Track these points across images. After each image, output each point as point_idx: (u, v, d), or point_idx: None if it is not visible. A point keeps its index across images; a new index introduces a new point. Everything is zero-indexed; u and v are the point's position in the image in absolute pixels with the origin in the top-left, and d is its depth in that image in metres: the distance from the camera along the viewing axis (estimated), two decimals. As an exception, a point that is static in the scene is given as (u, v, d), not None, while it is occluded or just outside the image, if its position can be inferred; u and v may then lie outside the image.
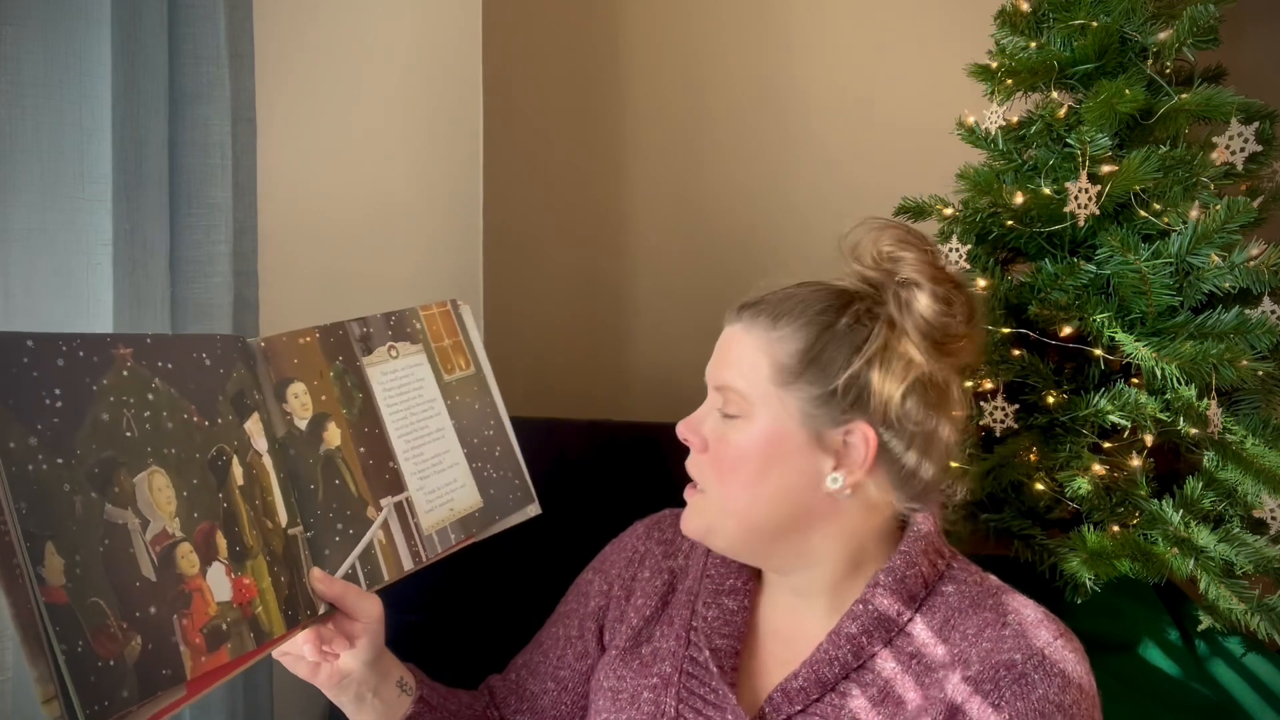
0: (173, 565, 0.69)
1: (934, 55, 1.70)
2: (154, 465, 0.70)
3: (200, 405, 0.77)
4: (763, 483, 0.86)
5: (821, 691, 0.85)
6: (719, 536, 0.89)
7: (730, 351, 0.89)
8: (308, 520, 0.84)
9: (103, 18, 0.87)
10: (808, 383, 0.85)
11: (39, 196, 0.88)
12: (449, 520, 0.95)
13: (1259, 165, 1.28)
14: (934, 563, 0.88)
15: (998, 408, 1.28)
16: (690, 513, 0.91)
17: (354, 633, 0.85)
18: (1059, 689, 0.79)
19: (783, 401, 0.85)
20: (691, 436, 0.90)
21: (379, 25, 1.39)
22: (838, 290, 0.89)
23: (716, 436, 0.88)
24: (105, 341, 0.70)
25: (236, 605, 0.73)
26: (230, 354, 0.82)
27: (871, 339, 0.85)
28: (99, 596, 0.63)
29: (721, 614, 0.93)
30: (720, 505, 0.88)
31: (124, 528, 0.67)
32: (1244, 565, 1.17)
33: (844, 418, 0.85)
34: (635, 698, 0.91)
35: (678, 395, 1.28)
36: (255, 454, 0.81)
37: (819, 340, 0.86)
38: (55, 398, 0.65)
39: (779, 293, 0.90)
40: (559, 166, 1.90)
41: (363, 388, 0.92)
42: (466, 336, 1.04)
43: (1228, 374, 1.17)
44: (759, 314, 0.88)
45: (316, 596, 0.82)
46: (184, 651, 0.68)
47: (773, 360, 0.86)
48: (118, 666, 0.63)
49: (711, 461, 0.89)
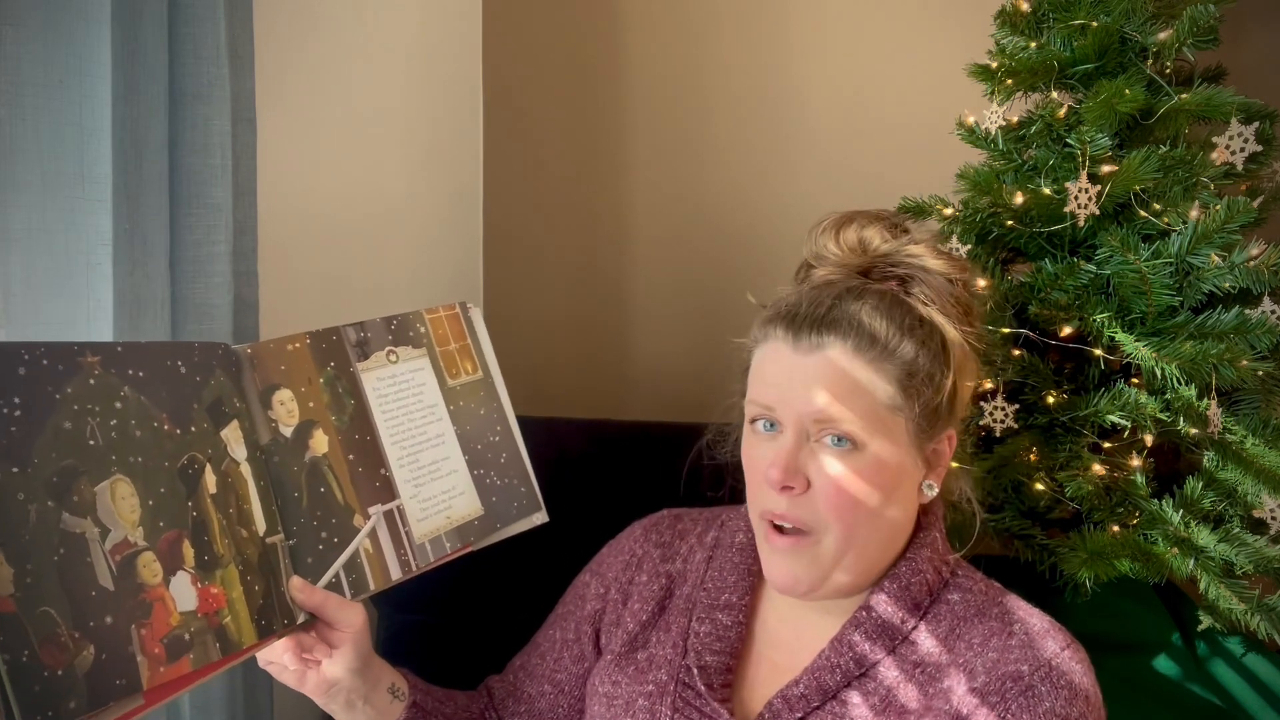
0: (133, 574, 0.69)
1: (934, 55, 1.69)
2: (118, 474, 0.70)
3: (172, 413, 0.76)
4: (884, 514, 0.82)
5: (822, 699, 0.84)
6: (831, 584, 0.84)
7: (834, 380, 0.81)
8: (290, 528, 0.83)
9: (103, 18, 0.87)
10: (916, 401, 0.82)
11: (39, 196, 0.87)
12: (445, 529, 0.93)
13: (1259, 165, 1.28)
14: (939, 570, 0.87)
15: (998, 408, 1.28)
16: (797, 565, 0.83)
17: (336, 641, 0.84)
18: (1066, 701, 0.78)
19: (895, 425, 0.82)
20: (795, 480, 0.81)
21: (379, 25, 1.39)
22: (891, 297, 0.85)
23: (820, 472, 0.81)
24: (72, 350, 0.70)
25: (201, 615, 0.73)
26: (208, 362, 0.81)
27: (949, 343, 0.84)
28: (50, 605, 0.63)
29: (714, 629, 0.91)
30: (836, 547, 0.82)
31: (81, 536, 0.66)
32: (1244, 565, 1.16)
33: (941, 426, 0.84)
34: (630, 704, 0.90)
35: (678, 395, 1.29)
36: (232, 462, 0.80)
37: (919, 357, 0.82)
38: (14, 406, 0.65)
39: (845, 304, 0.83)
40: (559, 166, 1.89)
41: (355, 394, 0.91)
42: (475, 340, 1.02)
43: (1228, 374, 1.17)
44: (850, 335, 0.82)
45: (295, 605, 0.81)
46: (141, 661, 0.67)
47: (888, 384, 0.81)
48: (65, 676, 0.62)
49: (826, 499, 0.81)
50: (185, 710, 1.03)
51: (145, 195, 0.93)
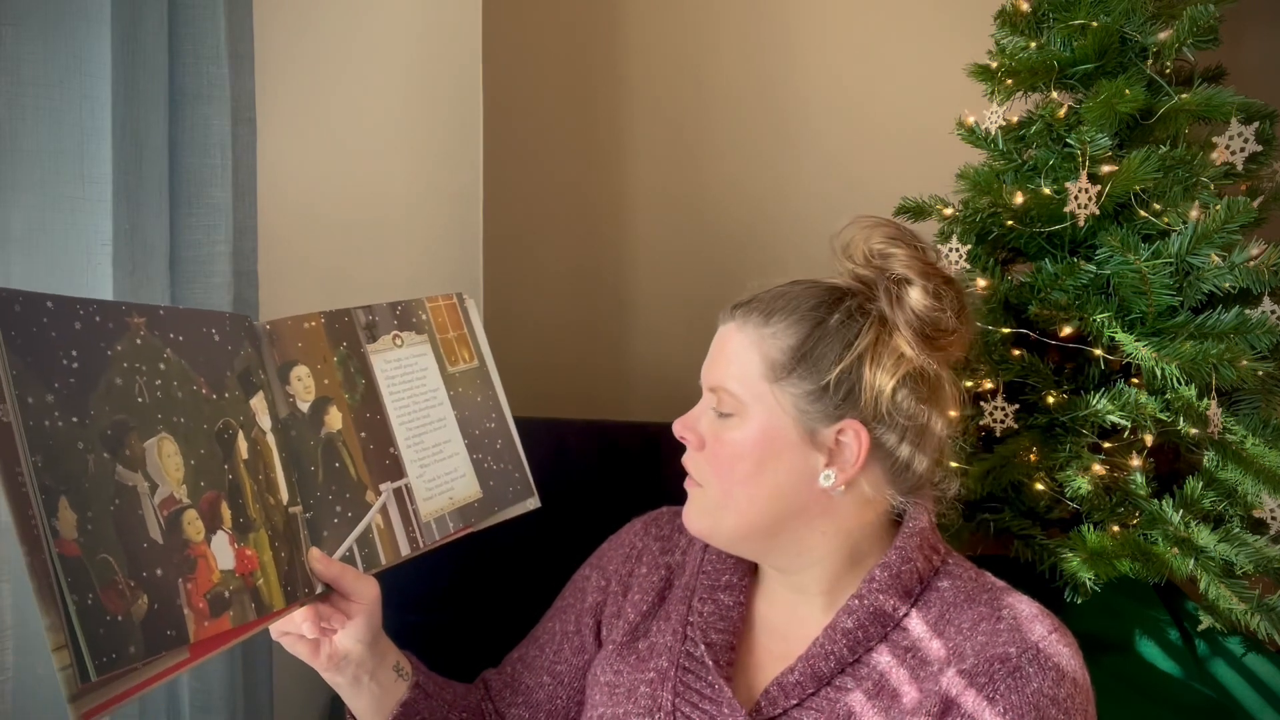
0: (179, 530, 0.71)
1: (934, 55, 1.70)
2: (164, 432, 0.72)
3: (209, 378, 0.78)
4: (758, 480, 0.87)
5: (817, 686, 0.85)
6: (719, 533, 0.90)
7: (724, 350, 0.90)
8: (307, 501, 0.85)
9: (103, 18, 0.87)
10: (800, 379, 0.86)
11: (39, 196, 0.88)
12: (448, 509, 0.95)
13: (1259, 165, 1.28)
14: (929, 558, 0.89)
15: (998, 408, 1.28)
16: (691, 509, 0.92)
17: (351, 613, 0.86)
18: (1053, 682, 0.79)
19: (776, 399, 0.86)
20: (688, 434, 0.91)
21: (379, 25, 1.39)
22: (829, 287, 0.89)
23: (713, 435, 0.89)
24: (120, 309, 0.72)
25: (239, 575, 0.74)
26: (238, 332, 0.83)
27: (862, 334, 0.86)
28: (108, 553, 0.64)
29: (717, 609, 0.93)
30: (719, 502, 0.89)
31: (134, 490, 0.68)
32: (1244, 565, 1.17)
33: (836, 413, 0.86)
34: (632, 692, 0.91)
35: (678, 395, 1.28)
36: (260, 430, 0.82)
37: (811, 336, 0.86)
38: (72, 359, 0.66)
39: (771, 291, 0.91)
40: (559, 166, 1.90)
41: (366, 374, 0.93)
42: (471, 329, 1.05)
43: (1228, 374, 1.17)
44: (751, 312, 0.89)
45: (314, 576, 0.83)
46: (188, 615, 0.69)
47: (765, 357, 0.87)
48: (125, 622, 0.64)
49: (709, 459, 0.89)
50: (185, 709, 1.03)
51: (145, 195, 0.94)
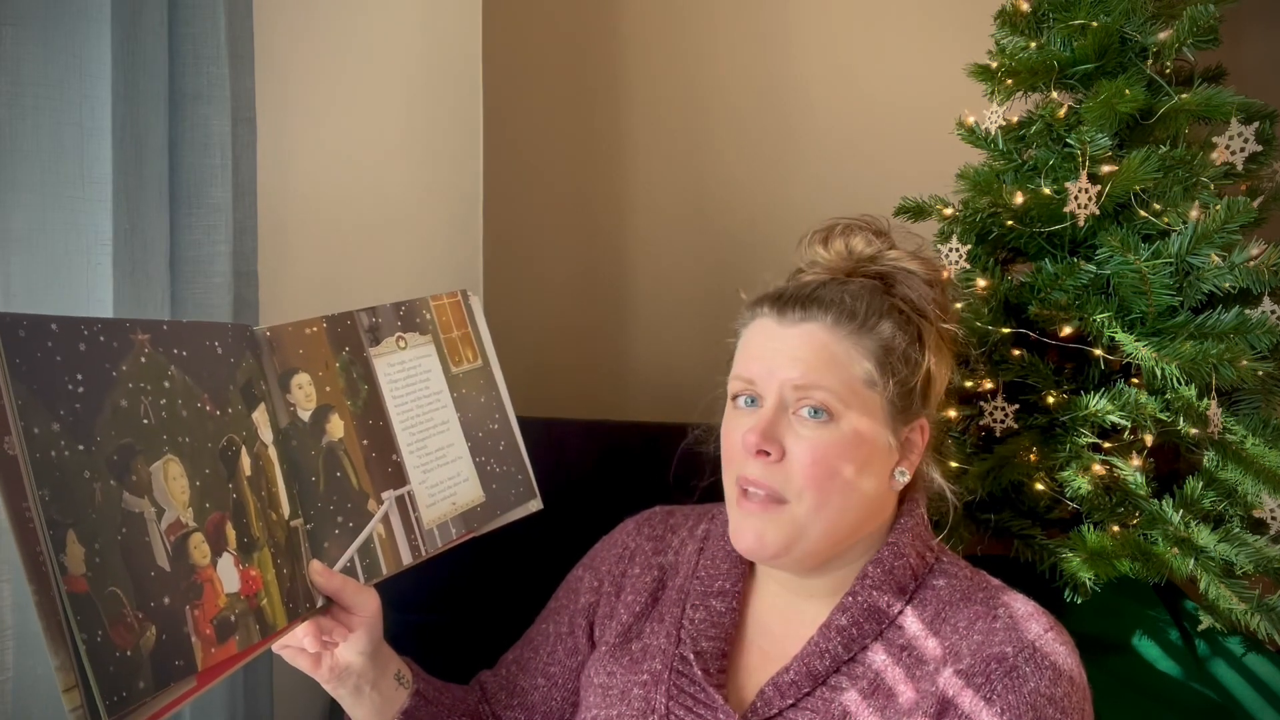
0: (185, 555, 0.69)
1: (934, 55, 1.69)
2: (169, 454, 0.69)
3: (213, 394, 0.76)
4: (856, 487, 0.84)
5: (813, 685, 0.85)
6: (796, 550, 0.85)
7: (814, 350, 0.85)
8: (308, 512, 0.84)
9: (103, 18, 0.87)
10: (892, 379, 0.85)
11: (39, 196, 0.87)
12: (451, 515, 0.94)
13: (1259, 165, 1.28)
14: (922, 555, 0.89)
15: (998, 408, 1.28)
16: (768, 529, 0.85)
17: (351, 625, 0.85)
18: (1050, 681, 0.79)
19: (870, 401, 0.85)
20: (771, 447, 0.83)
21: (379, 25, 1.39)
22: (873, 287, 0.90)
23: (805, 442, 0.83)
24: (124, 326, 0.69)
25: (244, 597, 0.73)
26: (240, 343, 0.82)
27: (925, 332, 0.88)
28: (117, 586, 0.62)
29: (708, 616, 0.93)
30: (810, 515, 0.84)
31: (140, 516, 0.66)
32: (1244, 565, 1.16)
33: (915, 411, 0.88)
34: (625, 694, 0.91)
35: (678, 395, 1.29)
36: (261, 445, 0.80)
37: (895, 338, 0.86)
38: (78, 383, 0.64)
39: (829, 288, 0.88)
40: (559, 166, 1.89)
41: (369, 379, 0.91)
42: (475, 328, 1.03)
43: (1228, 374, 1.17)
44: (831, 310, 0.86)
45: (315, 589, 0.82)
46: (195, 643, 0.67)
47: (866, 359, 0.85)
48: (134, 657, 0.62)
49: (801, 469, 0.83)
50: (185, 711, 1.03)
51: (145, 195, 0.93)
